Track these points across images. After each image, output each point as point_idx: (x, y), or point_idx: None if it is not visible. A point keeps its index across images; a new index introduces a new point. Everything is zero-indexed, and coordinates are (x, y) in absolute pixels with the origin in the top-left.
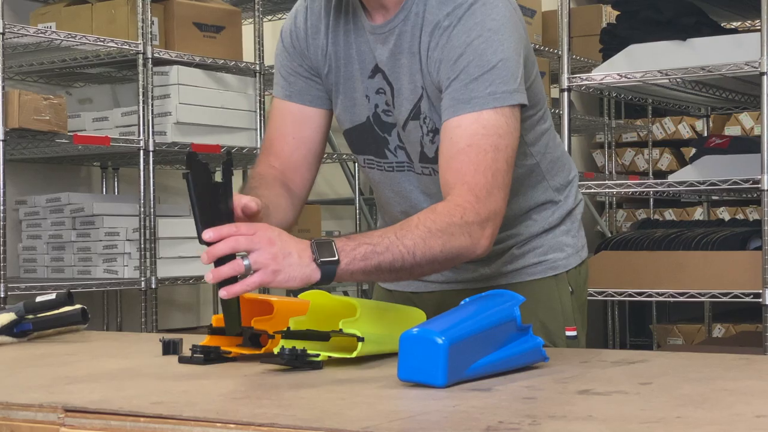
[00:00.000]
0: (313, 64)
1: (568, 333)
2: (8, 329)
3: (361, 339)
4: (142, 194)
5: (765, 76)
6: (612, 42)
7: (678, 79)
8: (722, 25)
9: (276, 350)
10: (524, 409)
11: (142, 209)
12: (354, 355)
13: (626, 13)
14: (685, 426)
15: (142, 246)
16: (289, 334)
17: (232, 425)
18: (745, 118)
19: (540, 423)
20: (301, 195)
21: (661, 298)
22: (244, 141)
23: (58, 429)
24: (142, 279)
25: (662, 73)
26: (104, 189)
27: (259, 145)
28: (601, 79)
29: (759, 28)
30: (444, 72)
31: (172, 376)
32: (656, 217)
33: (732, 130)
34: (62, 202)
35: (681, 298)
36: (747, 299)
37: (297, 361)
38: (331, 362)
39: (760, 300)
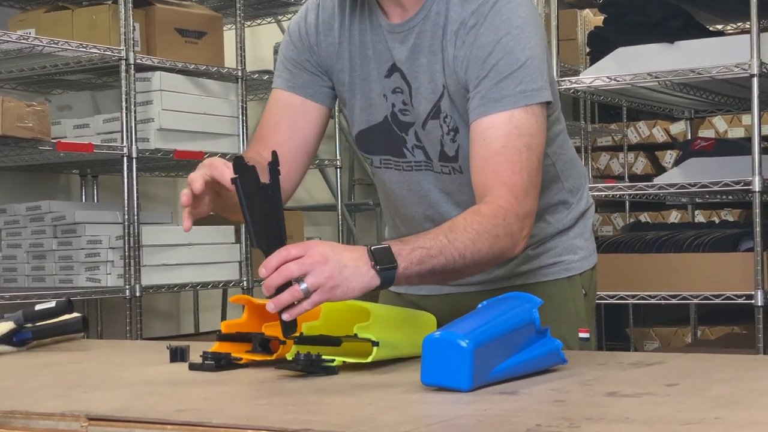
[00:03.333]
0: (322, 61)
1: (581, 335)
2: (7, 338)
3: (376, 344)
4: (125, 201)
5: (755, 78)
6: (600, 45)
7: (667, 82)
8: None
9: (289, 356)
10: (558, 411)
11: (126, 216)
12: (369, 360)
13: (613, 17)
14: (728, 427)
15: (126, 254)
16: (301, 340)
17: (264, 431)
18: (719, 122)
19: (579, 426)
20: (286, 188)
21: (653, 301)
22: (227, 147)
23: None
24: (127, 287)
25: (652, 76)
26: (83, 197)
27: (242, 152)
28: (591, 82)
29: (744, 30)
30: (473, 71)
31: (187, 383)
32: (631, 220)
33: (706, 134)
34: (43, 210)
35: (673, 301)
36: (739, 300)
37: (312, 367)
38: (345, 367)
39: (753, 301)
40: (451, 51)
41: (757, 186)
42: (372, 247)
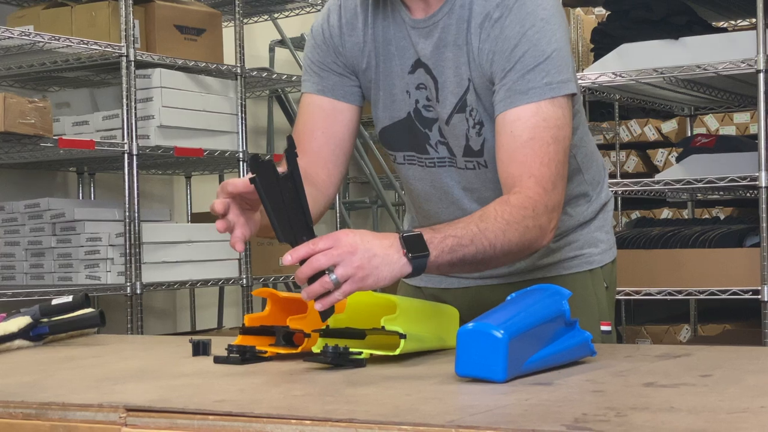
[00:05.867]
0: (347, 62)
1: (603, 328)
2: (24, 333)
3: (403, 336)
4: (126, 199)
5: (761, 74)
6: (603, 41)
7: (672, 78)
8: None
9: (316, 349)
10: (600, 401)
11: (127, 214)
12: (397, 352)
13: (617, 13)
14: None
15: (128, 251)
16: (326, 333)
17: (307, 422)
18: (711, 120)
19: (626, 415)
20: (327, 192)
21: (659, 296)
22: (227, 144)
23: (119, 429)
24: (128, 284)
25: (657, 72)
26: (80, 194)
27: (241, 149)
28: (596, 78)
29: (746, 27)
30: (498, 63)
31: (216, 375)
32: (623, 218)
33: (698, 132)
34: (41, 207)
35: (679, 296)
36: (745, 296)
37: (340, 359)
38: (371, 360)
39: (759, 297)
40: (476, 44)
41: (763, 182)
42: (404, 235)
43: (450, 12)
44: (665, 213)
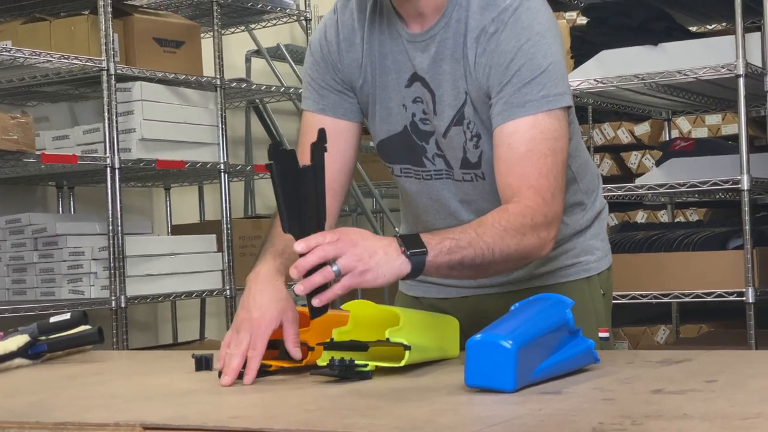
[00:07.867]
0: (346, 78)
1: (601, 335)
2: (24, 351)
3: (408, 348)
4: (109, 212)
5: (741, 79)
6: (583, 48)
7: (653, 84)
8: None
9: (321, 362)
10: (612, 410)
11: (110, 227)
12: (403, 363)
13: (596, 19)
14: None
15: (111, 265)
16: (330, 346)
17: None
18: (683, 122)
19: (642, 423)
20: (333, 212)
21: (644, 300)
22: (208, 156)
23: None
24: (113, 298)
25: (638, 78)
26: (60, 209)
27: (222, 160)
28: (577, 85)
29: (720, 31)
30: (495, 77)
31: (225, 390)
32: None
33: (672, 135)
34: (23, 222)
35: (665, 299)
36: (730, 298)
37: (347, 372)
38: (375, 372)
39: (744, 298)
40: (472, 58)
41: (745, 184)
42: (401, 235)
43: (446, 26)
44: (640, 215)
